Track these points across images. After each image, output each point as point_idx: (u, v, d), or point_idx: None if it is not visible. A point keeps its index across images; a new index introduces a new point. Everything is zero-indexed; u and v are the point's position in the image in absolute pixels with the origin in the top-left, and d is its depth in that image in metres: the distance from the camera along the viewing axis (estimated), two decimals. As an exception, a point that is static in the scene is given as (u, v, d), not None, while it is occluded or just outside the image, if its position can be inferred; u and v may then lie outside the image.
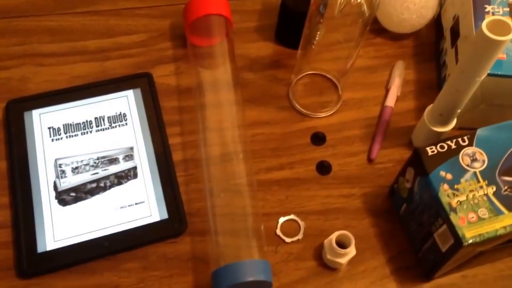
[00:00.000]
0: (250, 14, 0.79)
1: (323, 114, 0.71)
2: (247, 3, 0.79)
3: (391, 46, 0.77)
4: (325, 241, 0.61)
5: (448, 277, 0.62)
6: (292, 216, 0.64)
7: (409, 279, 0.62)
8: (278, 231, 0.63)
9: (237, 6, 0.79)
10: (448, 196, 0.56)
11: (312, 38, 0.64)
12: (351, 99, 0.73)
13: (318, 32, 0.63)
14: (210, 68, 0.70)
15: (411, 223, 0.63)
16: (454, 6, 0.72)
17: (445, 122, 0.64)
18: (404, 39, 0.78)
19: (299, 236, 0.64)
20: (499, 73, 0.62)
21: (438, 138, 0.65)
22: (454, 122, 0.65)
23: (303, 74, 0.73)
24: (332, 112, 0.72)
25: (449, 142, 0.59)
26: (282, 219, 0.64)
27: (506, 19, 0.52)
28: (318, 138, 0.70)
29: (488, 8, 0.66)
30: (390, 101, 0.72)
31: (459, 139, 0.59)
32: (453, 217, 0.55)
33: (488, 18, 0.52)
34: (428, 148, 0.58)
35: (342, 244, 0.61)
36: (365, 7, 0.57)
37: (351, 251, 0.61)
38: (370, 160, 0.69)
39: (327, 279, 0.61)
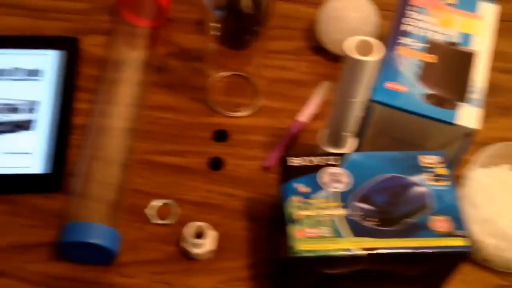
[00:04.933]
0: (197, 7, 0.81)
1: (234, 114, 0.72)
2: (196, -4, 0.82)
3: (325, 66, 0.78)
4: (183, 229, 0.62)
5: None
6: (168, 201, 0.65)
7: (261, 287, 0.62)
8: (148, 210, 0.64)
9: (186, -3, 0.81)
10: (295, 207, 0.56)
11: (214, 30, 0.65)
12: (268, 107, 0.74)
13: (217, 25, 0.64)
14: (131, 47, 0.72)
15: (277, 233, 0.63)
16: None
17: (335, 144, 0.64)
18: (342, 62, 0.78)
19: (170, 221, 0.64)
20: (393, 104, 0.61)
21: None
22: (348, 146, 0.65)
23: (228, 74, 0.75)
24: (243, 115, 0.72)
25: (318, 158, 0.59)
26: (158, 201, 0.65)
27: (373, 39, 0.53)
28: (220, 135, 0.71)
29: (404, 40, 0.65)
30: (303, 116, 0.72)
31: (330, 158, 0.59)
32: (291, 228, 0.55)
33: (354, 37, 0.53)
34: (293, 158, 0.59)
35: (200, 235, 0.62)
36: (249, 4, 0.58)
37: (205, 243, 0.61)
38: (265, 168, 0.69)
39: (182, 267, 0.62)
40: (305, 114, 0.72)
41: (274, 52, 0.78)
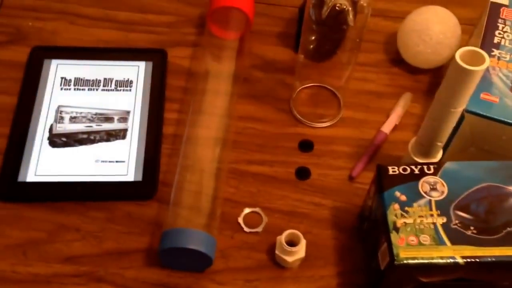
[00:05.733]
0: (277, 20, 0.82)
1: (318, 125, 0.73)
2: (276, 9, 0.83)
3: (406, 78, 0.78)
4: (278, 237, 0.63)
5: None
6: (257, 209, 0.66)
7: (353, 296, 0.62)
8: (240, 219, 0.66)
9: (267, 10, 0.83)
10: (395, 215, 0.56)
11: (308, 44, 0.67)
12: (351, 118, 0.74)
13: (313, 38, 0.66)
14: (218, 58, 0.73)
15: (368, 241, 0.63)
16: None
17: (426, 154, 0.65)
18: (421, 74, 0.78)
19: (259, 229, 0.65)
20: (487, 114, 0.62)
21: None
22: (438, 156, 0.65)
23: (311, 85, 0.76)
24: (327, 125, 0.73)
25: (413, 167, 0.59)
26: (247, 210, 0.66)
27: (481, 50, 0.53)
28: (305, 145, 0.72)
29: (495, 52, 0.66)
30: (386, 128, 0.72)
31: (425, 167, 0.59)
32: (393, 235, 0.55)
33: (463, 48, 0.53)
34: (390, 167, 0.59)
35: (293, 243, 0.62)
36: (351, 16, 0.59)
37: (299, 251, 0.62)
38: (350, 178, 0.70)
39: (273, 274, 0.63)
40: (388, 125, 0.73)
41: (357, 64, 0.79)
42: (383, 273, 0.57)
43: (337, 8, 0.58)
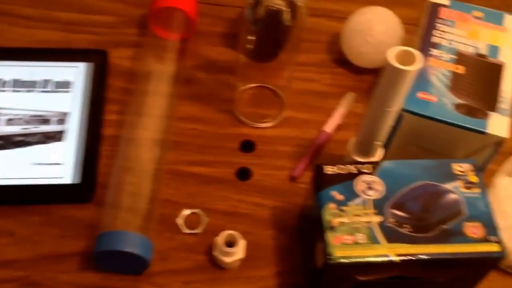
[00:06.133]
0: (222, 20, 0.82)
1: (261, 125, 0.73)
2: (221, 10, 0.82)
3: (350, 78, 0.78)
4: (215, 238, 0.62)
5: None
6: (197, 210, 0.66)
7: (292, 296, 0.62)
8: (180, 220, 0.65)
9: (212, 10, 0.82)
10: (331, 215, 0.56)
11: (247, 44, 0.66)
12: (293, 118, 0.74)
13: (252, 38, 0.65)
14: (160, 59, 0.72)
15: (307, 241, 0.63)
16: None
17: (366, 153, 0.65)
18: (365, 74, 0.79)
19: (199, 230, 0.64)
20: (424, 113, 0.62)
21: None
22: (378, 155, 0.65)
23: (254, 85, 0.75)
24: (269, 125, 0.73)
25: (350, 166, 0.59)
26: (187, 211, 0.66)
27: (414, 50, 0.53)
28: (247, 146, 0.71)
29: (434, 51, 0.66)
30: (328, 127, 0.73)
31: (362, 166, 0.59)
32: (328, 234, 0.55)
33: (395, 48, 0.54)
34: (327, 167, 0.59)
35: (231, 244, 0.62)
36: (287, 16, 0.59)
37: (237, 251, 0.61)
38: (292, 178, 0.69)
39: (212, 276, 0.62)
40: (330, 125, 0.73)
41: (298, 64, 0.79)
42: (320, 273, 0.57)
43: (272, 8, 0.58)
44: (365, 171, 0.59)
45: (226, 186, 0.68)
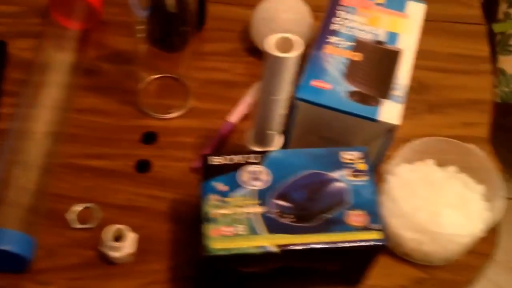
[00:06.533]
0: (130, 9, 0.79)
1: (165, 116, 0.71)
2: (130, -1, 0.81)
3: (260, 67, 0.76)
4: (102, 231, 0.60)
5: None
6: (90, 205, 0.64)
7: (184, 290, 0.60)
8: (72, 215, 0.63)
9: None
10: (212, 206, 0.54)
11: (147, 32, 0.64)
12: (199, 108, 0.72)
13: (148, 27, 0.63)
14: (60, 49, 0.70)
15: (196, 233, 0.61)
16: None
17: (262, 143, 0.63)
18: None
19: (91, 225, 0.62)
20: (318, 102, 0.60)
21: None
22: (277, 145, 0.64)
23: (160, 76, 0.73)
24: (174, 116, 0.71)
25: (238, 156, 0.58)
26: (79, 206, 0.63)
27: (293, 36, 0.52)
28: (149, 138, 0.69)
29: (332, 39, 0.65)
30: (233, 117, 0.71)
31: (251, 156, 0.58)
32: (207, 227, 0.53)
33: (275, 35, 0.52)
34: (214, 157, 0.57)
35: (119, 238, 0.60)
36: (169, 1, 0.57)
37: (125, 246, 0.59)
38: (192, 170, 0.68)
39: (101, 272, 0.60)
40: (235, 115, 0.71)
41: (209, 54, 0.77)
42: (202, 265, 0.55)
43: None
44: (252, 161, 0.57)
45: (123, 179, 0.66)
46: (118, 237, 0.60)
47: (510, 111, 1.08)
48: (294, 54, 0.52)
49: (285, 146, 0.66)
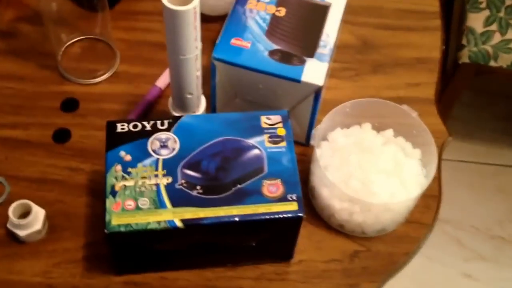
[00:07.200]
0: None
1: (88, 82, 0.66)
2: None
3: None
4: (9, 208, 0.56)
5: (144, 275, 0.56)
6: (0, 178, 0.59)
7: (101, 268, 0.56)
8: (-25, 191, 0.58)
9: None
10: (116, 178, 0.50)
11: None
12: (127, 72, 0.67)
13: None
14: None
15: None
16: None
17: (183, 107, 0.58)
18: (212, 22, 0.71)
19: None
20: (235, 62, 0.55)
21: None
22: (200, 110, 0.59)
23: (84, 37, 0.68)
24: (98, 81, 0.66)
25: (145, 123, 0.53)
26: (-12, 180, 0.59)
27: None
28: (69, 105, 0.64)
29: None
30: (161, 82, 0.66)
31: (158, 122, 0.53)
32: (109, 201, 0.49)
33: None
34: (119, 124, 0.53)
35: (28, 214, 0.56)
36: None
37: (32, 223, 0.55)
38: (116, 138, 0.63)
39: (8, 251, 0.56)
40: (163, 79, 0.66)
41: (141, 14, 0.71)
42: (107, 242, 0.51)
43: None
44: (161, 127, 0.52)
45: (39, 150, 0.61)
46: (27, 214, 0.56)
47: (479, 72, 1.02)
48: (189, 7, 0.47)
49: (213, 111, 0.61)
